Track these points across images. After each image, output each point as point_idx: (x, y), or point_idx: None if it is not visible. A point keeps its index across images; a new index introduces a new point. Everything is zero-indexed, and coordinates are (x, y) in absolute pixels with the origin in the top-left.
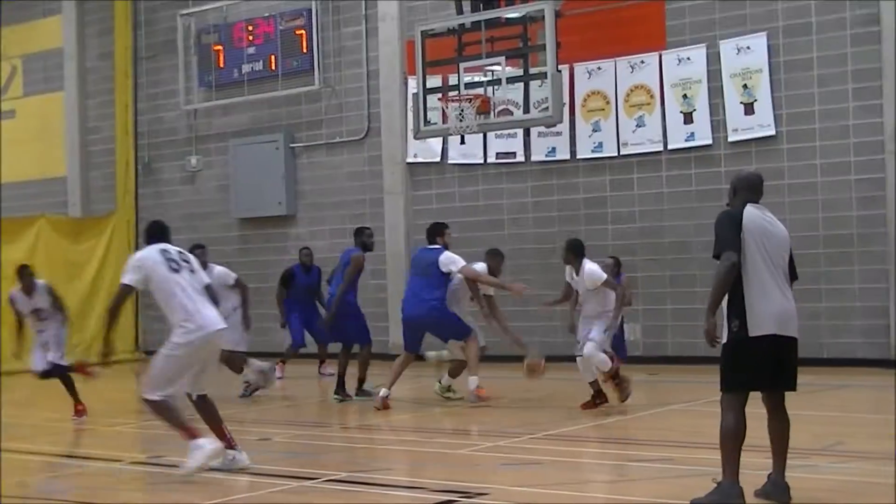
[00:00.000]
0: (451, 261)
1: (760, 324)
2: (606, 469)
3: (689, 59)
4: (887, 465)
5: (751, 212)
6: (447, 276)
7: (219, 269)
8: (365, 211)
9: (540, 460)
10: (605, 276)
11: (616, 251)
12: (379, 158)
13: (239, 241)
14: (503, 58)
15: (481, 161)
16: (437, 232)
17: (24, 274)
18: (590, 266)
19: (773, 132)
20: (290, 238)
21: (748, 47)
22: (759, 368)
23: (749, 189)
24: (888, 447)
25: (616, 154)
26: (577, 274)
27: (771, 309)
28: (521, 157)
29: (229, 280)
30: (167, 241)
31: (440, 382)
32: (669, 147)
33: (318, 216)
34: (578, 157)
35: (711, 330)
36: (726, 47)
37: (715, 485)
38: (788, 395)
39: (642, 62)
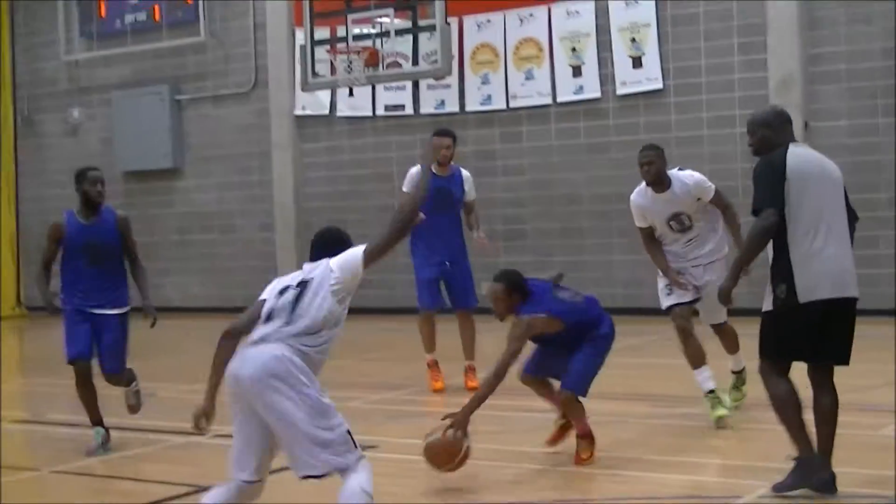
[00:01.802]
0: None
1: (812, 288)
2: (493, 420)
3: (577, 12)
4: (770, 411)
5: (796, 154)
6: None
7: None
8: (253, 164)
9: (429, 412)
10: None
11: (505, 204)
12: (267, 111)
13: (124, 196)
14: (392, 10)
15: (370, 114)
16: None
17: None
18: None
19: (660, 86)
20: (177, 192)
21: (636, 1)
22: (809, 338)
23: (782, 127)
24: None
25: (505, 107)
26: None
27: (825, 268)
28: (409, 110)
29: None
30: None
31: None
32: (558, 100)
33: (206, 170)
34: (467, 109)
35: (728, 292)
36: (614, 1)
37: (793, 462)
38: (671, 341)
39: (531, 15)
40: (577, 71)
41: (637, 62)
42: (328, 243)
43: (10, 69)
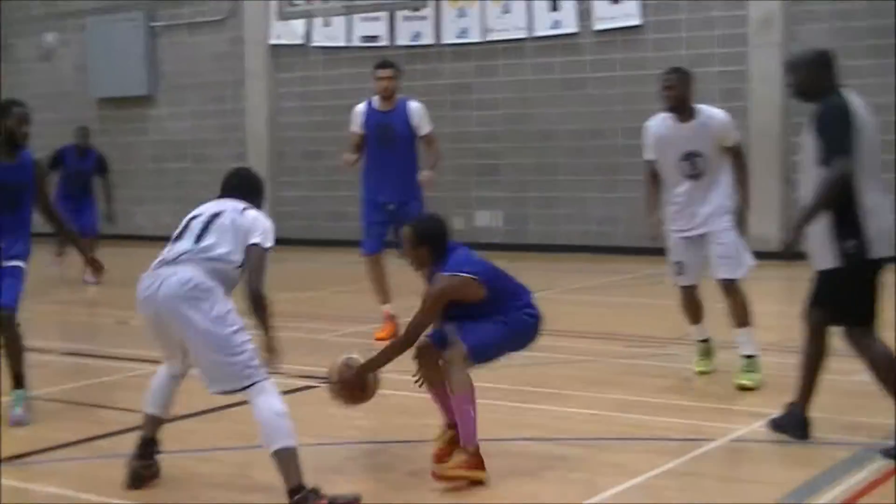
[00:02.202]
0: None
1: (880, 243)
2: None
3: None
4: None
5: (855, 102)
6: None
7: None
8: (227, 93)
9: None
10: None
11: (480, 138)
12: (241, 39)
13: (99, 122)
14: None
15: (345, 44)
16: None
17: None
18: None
19: (638, 22)
20: (151, 119)
21: None
22: (872, 297)
23: (828, 68)
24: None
25: (481, 39)
26: None
27: (886, 224)
28: (385, 42)
29: None
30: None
31: None
32: (535, 34)
33: (180, 97)
34: (443, 42)
35: (792, 241)
36: None
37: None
38: (644, 281)
39: None
40: (554, 5)
41: None
42: (241, 185)
43: None
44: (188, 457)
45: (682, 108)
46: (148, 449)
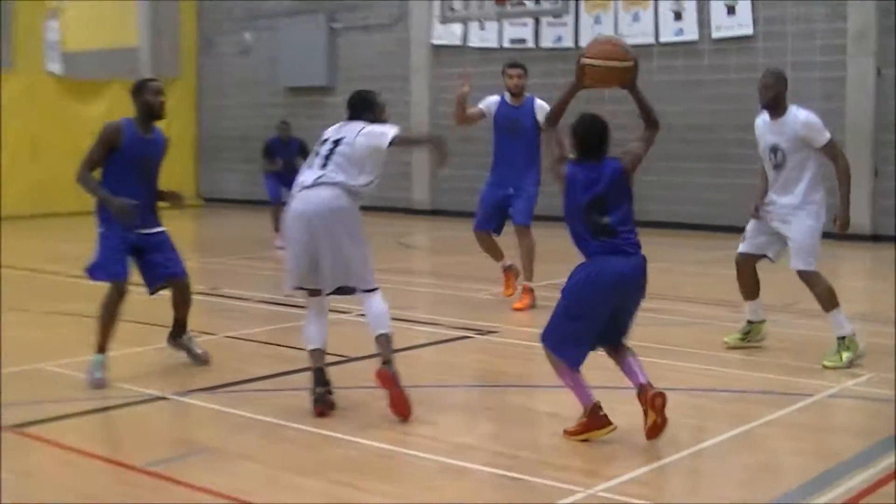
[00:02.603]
0: None
1: None
2: None
3: None
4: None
5: None
6: None
7: None
8: (395, 86)
9: (547, 305)
10: None
11: (613, 130)
12: (407, 40)
13: (285, 107)
14: None
15: (497, 46)
16: None
17: None
18: None
19: (750, 32)
20: (328, 106)
21: None
22: None
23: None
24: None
25: None
26: None
27: None
28: (531, 44)
29: None
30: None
31: None
32: (660, 40)
33: (353, 88)
34: (581, 45)
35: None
36: None
37: None
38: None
39: None
40: (678, 15)
41: (731, 10)
42: (357, 105)
43: None
44: (360, 391)
45: (774, 106)
46: (322, 377)
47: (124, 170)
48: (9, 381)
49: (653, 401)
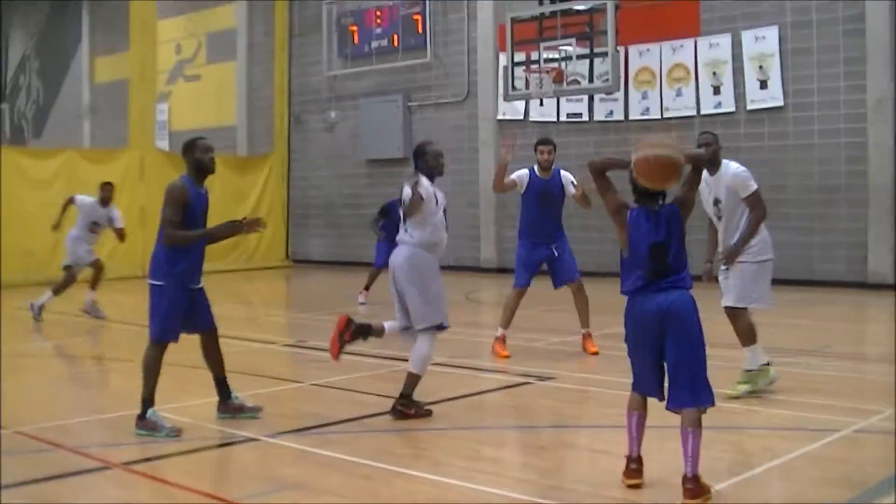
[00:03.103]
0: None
1: None
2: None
3: (717, 44)
4: (866, 364)
5: None
6: None
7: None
8: (464, 156)
9: (603, 355)
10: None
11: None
12: (475, 116)
13: (366, 178)
14: (574, 39)
15: (555, 119)
16: None
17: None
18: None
19: (781, 103)
20: (406, 176)
21: (764, 37)
22: None
23: None
24: (865, 351)
25: (660, 117)
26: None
27: None
28: (586, 118)
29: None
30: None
31: None
32: (702, 112)
33: None
34: (630, 118)
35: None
36: (747, 36)
37: None
38: (786, 305)
39: (681, 46)
40: (716, 90)
41: (763, 84)
42: (414, 156)
43: (287, 82)
44: (431, 432)
45: (713, 162)
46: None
47: (190, 226)
48: (119, 423)
49: (684, 494)
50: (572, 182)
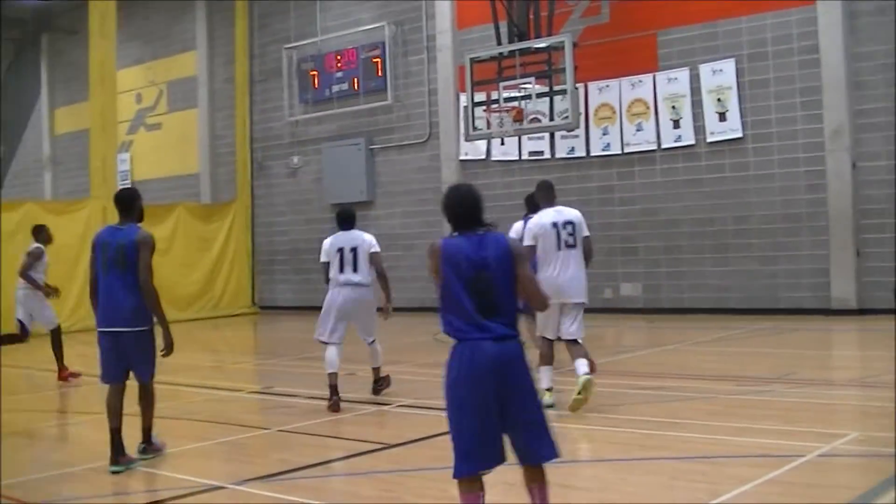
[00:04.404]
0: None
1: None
2: (612, 395)
3: (676, 78)
4: (831, 389)
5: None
6: None
7: None
8: (427, 197)
9: (559, 389)
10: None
11: (622, 227)
12: (438, 157)
13: (330, 222)
14: (533, 78)
15: (517, 158)
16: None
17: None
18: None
19: (741, 135)
20: (370, 219)
21: (721, 70)
22: None
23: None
24: (829, 376)
25: (621, 152)
26: None
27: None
28: (547, 155)
29: None
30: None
31: None
32: (662, 146)
33: (392, 202)
34: (592, 154)
35: None
36: (704, 69)
37: None
38: (752, 334)
39: (640, 81)
40: (676, 123)
41: (722, 116)
42: (349, 218)
43: (249, 128)
44: (400, 475)
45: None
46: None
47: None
48: (83, 477)
49: None
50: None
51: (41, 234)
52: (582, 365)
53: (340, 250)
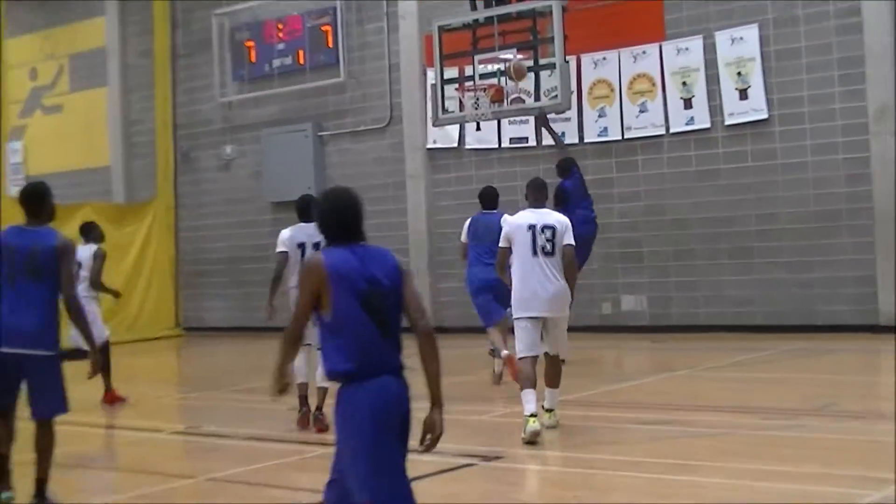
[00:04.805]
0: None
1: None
2: (612, 431)
3: (687, 49)
4: (879, 423)
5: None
6: None
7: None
8: (389, 194)
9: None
10: None
11: (622, 228)
12: (401, 145)
13: (272, 224)
14: (515, 50)
15: (496, 146)
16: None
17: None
18: None
19: (765, 116)
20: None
21: (741, 38)
22: None
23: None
24: (877, 407)
25: (620, 138)
26: None
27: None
28: (532, 142)
29: None
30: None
31: None
32: (671, 131)
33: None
34: (586, 140)
35: None
36: (721, 38)
37: None
38: (781, 357)
39: (644, 52)
40: (687, 103)
41: (743, 94)
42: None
43: (172, 111)
44: None
45: None
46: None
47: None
48: None
49: None
50: None
51: (93, 231)
52: (552, 396)
53: (302, 245)
